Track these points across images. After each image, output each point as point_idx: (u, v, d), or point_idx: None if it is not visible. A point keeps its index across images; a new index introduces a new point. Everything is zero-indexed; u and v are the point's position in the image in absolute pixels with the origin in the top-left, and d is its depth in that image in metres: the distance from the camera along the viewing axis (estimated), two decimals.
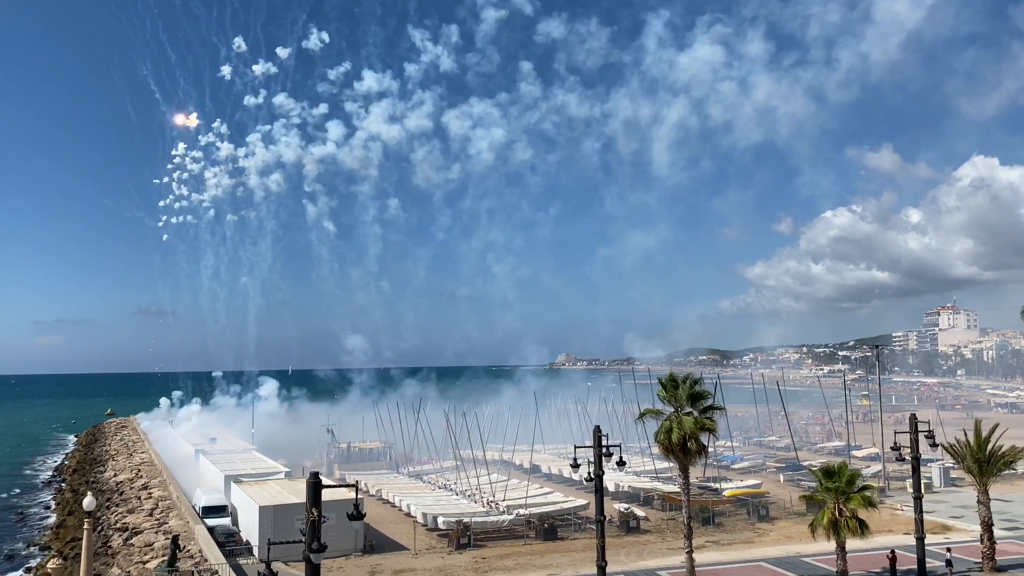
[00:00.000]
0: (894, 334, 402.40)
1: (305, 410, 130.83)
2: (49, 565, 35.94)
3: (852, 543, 36.91)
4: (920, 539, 38.92)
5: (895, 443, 41.09)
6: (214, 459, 71.68)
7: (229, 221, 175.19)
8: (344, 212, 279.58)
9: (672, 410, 36.97)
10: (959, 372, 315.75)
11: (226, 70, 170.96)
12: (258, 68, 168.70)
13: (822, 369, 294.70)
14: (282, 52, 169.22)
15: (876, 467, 70.68)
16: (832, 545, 37.05)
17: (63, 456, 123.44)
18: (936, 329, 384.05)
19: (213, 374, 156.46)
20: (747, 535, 51.40)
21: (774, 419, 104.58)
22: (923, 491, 41.12)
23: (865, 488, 37.22)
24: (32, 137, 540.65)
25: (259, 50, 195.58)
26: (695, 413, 36.55)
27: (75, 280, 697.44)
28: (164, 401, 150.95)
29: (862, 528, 35.58)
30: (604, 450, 34.18)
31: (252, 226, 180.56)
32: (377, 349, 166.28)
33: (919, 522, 39.09)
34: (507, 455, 79.16)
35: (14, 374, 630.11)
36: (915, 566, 38.87)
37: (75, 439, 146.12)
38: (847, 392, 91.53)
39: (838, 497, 35.97)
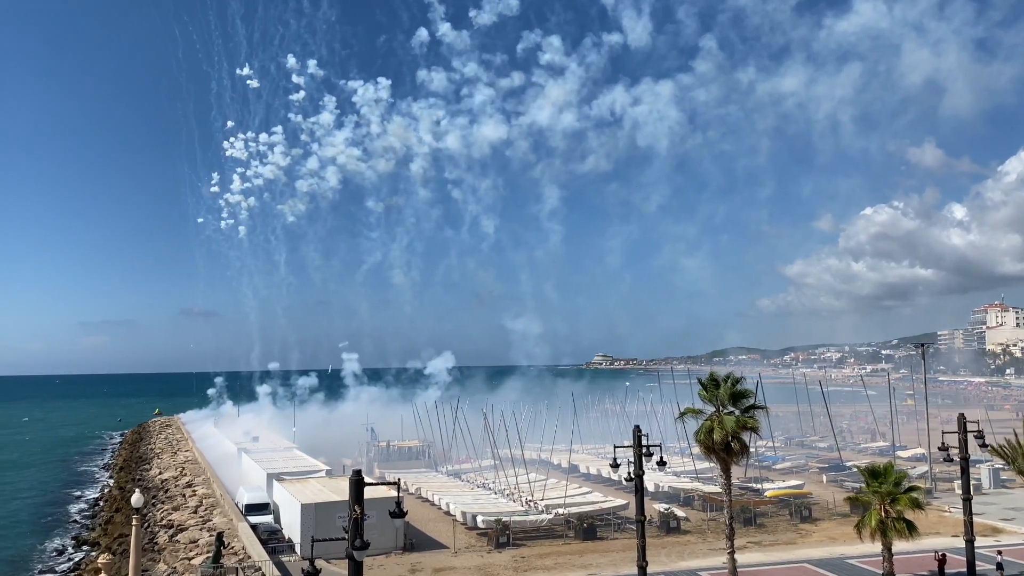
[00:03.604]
0: (939, 332, 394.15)
1: (346, 409, 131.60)
2: (99, 560, 36.71)
3: (899, 545, 36.18)
4: (970, 541, 38.00)
5: (943, 443, 40.17)
6: (256, 457, 72.58)
7: (371, 208, 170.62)
8: (502, 201, 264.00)
9: (713, 409, 36.62)
10: (1008, 371, 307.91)
11: (421, 34, 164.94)
12: (449, 33, 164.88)
13: (865, 368, 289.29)
14: (479, 17, 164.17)
15: (922, 468, 69.27)
16: (877, 547, 36.33)
17: (110, 454, 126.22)
18: (983, 327, 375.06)
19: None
20: (790, 536, 50.74)
21: (816, 419, 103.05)
22: (972, 492, 40.19)
23: (912, 489, 36.46)
24: (81, 138, 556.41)
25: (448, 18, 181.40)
26: (737, 412, 36.15)
27: (120, 281, 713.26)
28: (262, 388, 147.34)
29: (910, 529, 34.86)
30: (644, 450, 33.95)
31: (395, 212, 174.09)
32: (553, 345, 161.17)
33: (968, 524, 38.19)
34: (545, 454, 79.07)
35: (61, 374, 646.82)
36: (964, 569, 37.99)
37: (121, 437, 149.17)
38: (891, 392, 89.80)
39: (884, 498, 35.29)
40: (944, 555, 39.02)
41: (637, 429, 35.04)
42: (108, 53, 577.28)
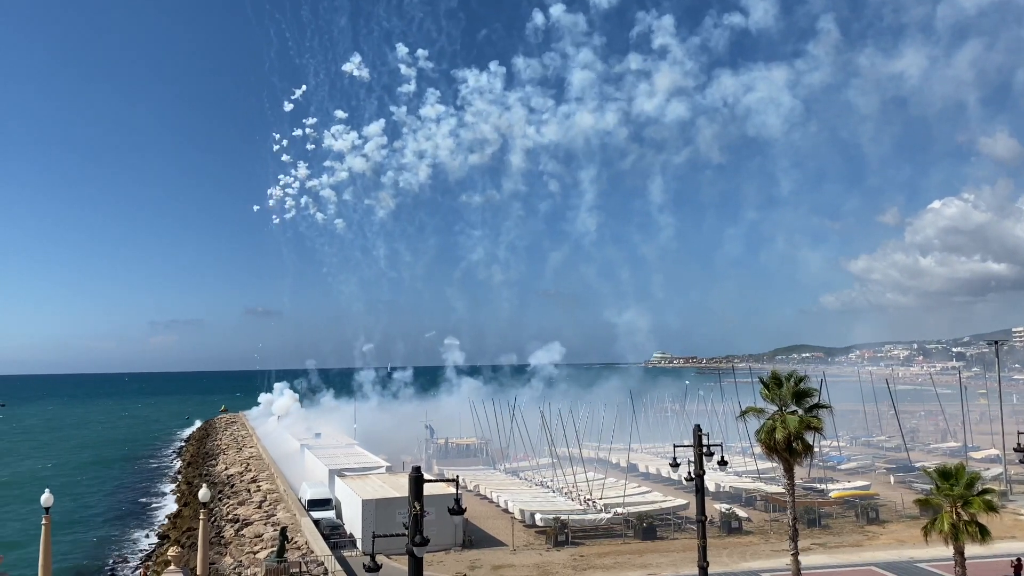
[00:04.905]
0: (1015, 329, 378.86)
1: (406, 407, 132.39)
2: (169, 552, 37.79)
3: (972, 549, 34.88)
4: None
5: (1018, 444, 38.72)
6: (318, 453, 73.81)
7: (467, 201, 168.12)
8: (603, 192, 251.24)
9: (775, 409, 35.89)
10: None
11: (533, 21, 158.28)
12: (563, 17, 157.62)
13: (935, 366, 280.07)
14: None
15: (996, 470, 66.84)
16: (948, 550, 35.13)
17: (178, 449, 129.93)
18: None
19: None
20: (855, 538, 49.51)
21: (883, 418, 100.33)
22: None
23: (986, 491, 35.13)
24: (150, 144, 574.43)
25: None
26: (800, 411, 35.37)
27: (187, 282, 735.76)
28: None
29: (983, 533, 33.60)
30: (705, 449, 33.45)
31: (491, 206, 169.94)
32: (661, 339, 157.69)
33: None
34: (603, 453, 78.64)
35: (131, 371, 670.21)
36: None
37: (189, 433, 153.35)
38: (963, 390, 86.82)
39: (956, 501, 34.09)
40: (1021, 560, 37.55)
41: (697, 428, 34.51)
42: (181, 56, 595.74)
